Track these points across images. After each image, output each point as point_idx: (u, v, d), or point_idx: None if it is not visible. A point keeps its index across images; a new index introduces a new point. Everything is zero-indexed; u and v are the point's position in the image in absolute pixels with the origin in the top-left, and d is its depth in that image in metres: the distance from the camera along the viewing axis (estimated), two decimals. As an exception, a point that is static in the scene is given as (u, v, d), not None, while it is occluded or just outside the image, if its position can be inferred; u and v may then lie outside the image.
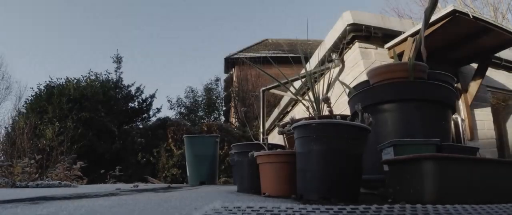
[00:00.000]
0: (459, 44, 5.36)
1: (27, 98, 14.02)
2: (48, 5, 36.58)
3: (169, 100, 16.23)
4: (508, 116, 7.43)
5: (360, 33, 5.30)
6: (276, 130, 3.39)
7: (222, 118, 16.94)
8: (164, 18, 42.13)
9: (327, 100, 2.54)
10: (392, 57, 5.17)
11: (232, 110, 16.82)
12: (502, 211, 1.50)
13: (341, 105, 5.50)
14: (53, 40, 37.92)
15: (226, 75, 19.57)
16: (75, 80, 14.02)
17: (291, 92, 3.30)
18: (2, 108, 30.25)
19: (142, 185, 6.17)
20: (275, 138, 9.32)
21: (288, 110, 9.16)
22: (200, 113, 15.87)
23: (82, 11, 38.85)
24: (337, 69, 5.81)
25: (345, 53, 5.67)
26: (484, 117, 6.36)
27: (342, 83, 4.03)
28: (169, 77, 42.44)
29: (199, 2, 43.22)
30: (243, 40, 47.61)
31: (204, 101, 16.11)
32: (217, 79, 17.26)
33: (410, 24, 5.83)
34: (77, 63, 38.36)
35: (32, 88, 14.03)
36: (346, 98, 3.77)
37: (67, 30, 38.91)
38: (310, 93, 3.18)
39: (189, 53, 42.66)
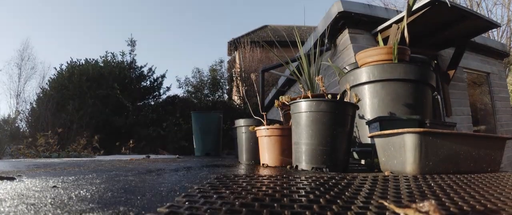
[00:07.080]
0: (438, 30, 5.31)
1: (50, 77, 13.88)
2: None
3: (177, 80, 16.13)
4: (482, 94, 7.42)
5: (350, 20, 5.24)
6: (274, 107, 3.37)
7: (226, 96, 16.83)
8: (175, 5, 41.59)
9: (320, 80, 2.50)
10: (378, 42, 5.12)
11: (235, 89, 16.71)
12: (474, 180, 1.49)
13: (332, 85, 5.46)
14: (74, 24, 37.49)
15: (229, 57, 19.39)
16: (93, 61, 13.90)
17: (290, 70, 3.26)
18: (28, 86, 30.25)
19: (153, 156, 6.20)
20: (273, 113, 9.33)
21: (285, 89, 9.12)
22: (206, 91, 15.74)
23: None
24: (329, 53, 5.75)
25: (336, 38, 5.60)
26: (460, 95, 6.34)
27: (333, 65, 3.99)
28: (178, 59, 42.31)
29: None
30: (245, 26, 47.10)
31: (209, 81, 15.96)
32: (221, 61, 17.04)
33: (394, 12, 5.73)
34: (95, 45, 38.13)
35: (55, 68, 13.87)
36: (337, 78, 3.73)
37: (87, 14, 38.46)
38: (305, 74, 3.14)
39: (197, 37, 42.41)
